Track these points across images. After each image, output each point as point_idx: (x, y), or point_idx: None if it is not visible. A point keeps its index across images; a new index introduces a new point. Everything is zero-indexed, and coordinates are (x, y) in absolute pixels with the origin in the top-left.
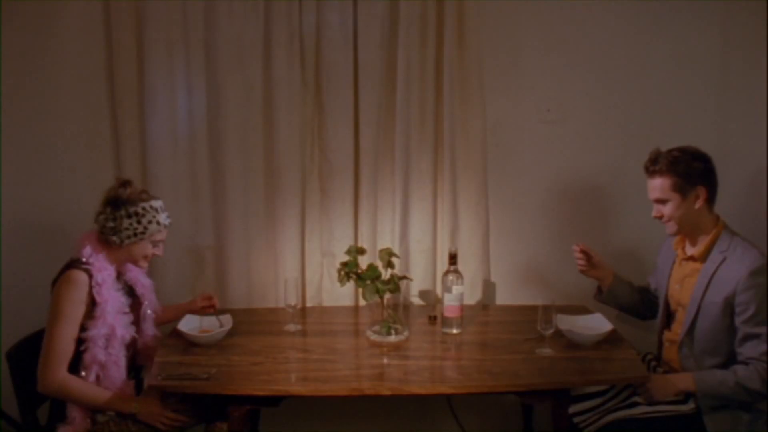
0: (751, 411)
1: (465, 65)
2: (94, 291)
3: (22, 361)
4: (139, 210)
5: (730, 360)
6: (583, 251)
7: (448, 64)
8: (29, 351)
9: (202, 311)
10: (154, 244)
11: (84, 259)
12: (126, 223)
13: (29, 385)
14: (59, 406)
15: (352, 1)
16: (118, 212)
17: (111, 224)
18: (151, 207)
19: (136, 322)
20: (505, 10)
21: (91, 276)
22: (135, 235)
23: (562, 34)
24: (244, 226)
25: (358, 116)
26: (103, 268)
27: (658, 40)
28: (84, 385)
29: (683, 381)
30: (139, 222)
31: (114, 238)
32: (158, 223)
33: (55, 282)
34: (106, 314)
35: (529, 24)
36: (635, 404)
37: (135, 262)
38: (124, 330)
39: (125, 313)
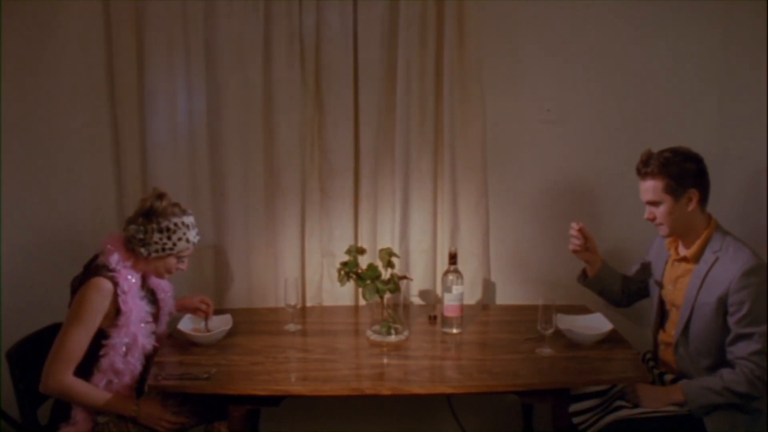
0: (750, 411)
1: (465, 65)
2: (120, 300)
3: (22, 361)
4: (171, 225)
5: (725, 360)
6: (581, 231)
7: (448, 64)
8: (29, 351)
9: (194, 311)
10: (179, 259)
11: (111, 266)
12: (156, 237)
13: (30, 385)
14: (63, 406)
15: (352, 1)
16: (150, 225)
17: (141, 236)
18: (183, 223)
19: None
20: (505, 10)
21: (116, 284)
22: (163, 250)
23: (562, 34)
24: (244, 226)
25: (358, 116)
26: (129, 276)
27: (658, 40)
28: (86, 388)
29: (672, 393)
30: (169, 238)
31: (142, 249)
32: (188, 240)
33: (75, 283)
34: (129, 323)
35: (529, 24)
36: (621, 407)
37: (158, 274)
38: (145, 339)
39: (148, 322)
